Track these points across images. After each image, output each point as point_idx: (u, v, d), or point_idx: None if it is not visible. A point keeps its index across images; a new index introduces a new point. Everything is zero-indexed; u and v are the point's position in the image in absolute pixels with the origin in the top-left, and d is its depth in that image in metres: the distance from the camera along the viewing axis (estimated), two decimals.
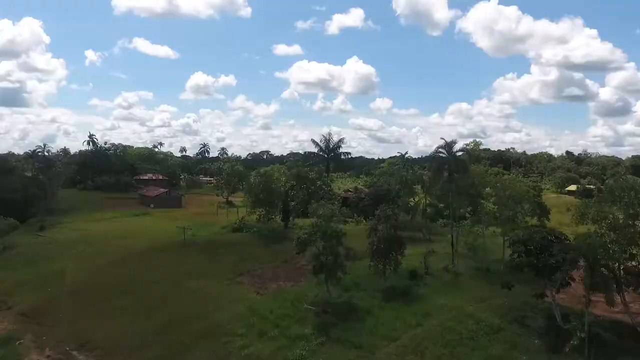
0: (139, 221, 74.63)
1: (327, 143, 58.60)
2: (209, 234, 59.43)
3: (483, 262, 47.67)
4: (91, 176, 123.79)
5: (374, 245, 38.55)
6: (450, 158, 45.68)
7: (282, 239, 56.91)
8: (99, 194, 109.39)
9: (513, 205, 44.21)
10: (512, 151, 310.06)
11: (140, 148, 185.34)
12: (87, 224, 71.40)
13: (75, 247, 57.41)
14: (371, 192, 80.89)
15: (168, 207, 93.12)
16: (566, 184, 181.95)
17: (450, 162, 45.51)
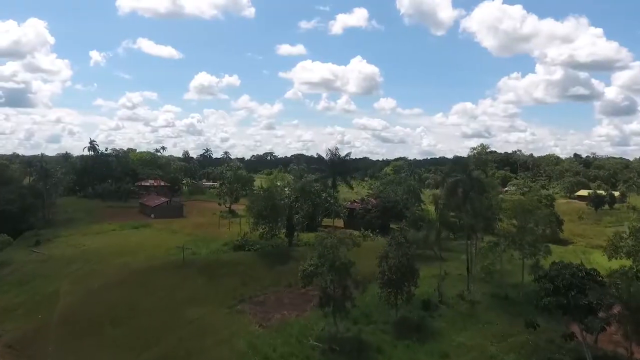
0: (138, 234, 72.10)
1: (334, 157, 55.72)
2: (210, 252, 56.77)
3: (500, 287, 44.78)
4: (91, 183, 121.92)
5: (385, 275, 35.78)
6: (465, 178, 42.77)
7: (287, 258, 54.22)
8: (98, 203, 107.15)
9: (533, 228, 41.11)
10: (518, 153, 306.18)
11: (143, 152, 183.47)
12: (84, 237, 68.98)
13: (71, 265, 55.01)
14: (378, 204, 78.06)
15: (169, 216, 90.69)
16: (575, 189, 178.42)
17: (466, 181, 42.61)
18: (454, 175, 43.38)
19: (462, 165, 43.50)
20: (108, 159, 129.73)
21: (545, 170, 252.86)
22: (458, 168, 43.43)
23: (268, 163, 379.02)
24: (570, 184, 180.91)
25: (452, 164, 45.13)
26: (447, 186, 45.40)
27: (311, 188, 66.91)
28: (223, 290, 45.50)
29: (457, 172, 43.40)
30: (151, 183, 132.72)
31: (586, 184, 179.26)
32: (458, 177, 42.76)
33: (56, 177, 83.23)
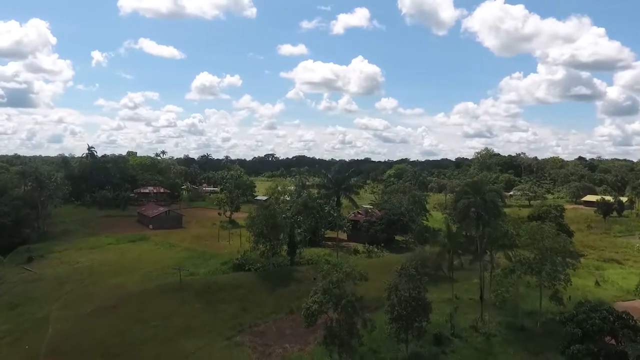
0: (135, 249, 69.68)
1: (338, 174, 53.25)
2: (208, 272, 54.25)
3: (515, 315, 42.08)
4: (89, 190, 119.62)
5: (394, 309, 33.20)
6: (478, 201, 40.12)
7: (288, 279, 51.74)
8: (96, 212, 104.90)
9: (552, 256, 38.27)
10: (522, 156, 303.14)
11: (143, 157, 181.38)
12: (79, 253, 66.56)
13: (63, 286, 52.57)
14: (383, 216, 75.48)
15: (168, 227, 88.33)
16: (581, 194, 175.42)
17: (479, 204, 39.99)
18: (467, 196, 40.69)
19: (475, 186, 40.77)
20: (106, 165, 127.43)
21: (549, 173, 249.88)
22: (471, 189, 40.71)
23: (269, 164, 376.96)
24: (577, 189, 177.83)
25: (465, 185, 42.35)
26: (459, 208, 42.64)
27: (314, 203, 64.42)
28: (221, 318, 43.00)
29: (469, 193, 40.71)
30: (150, 190, 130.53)
31: (592, 189, 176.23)
32: (471, 199, 40.12)
33: (51, 188, 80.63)
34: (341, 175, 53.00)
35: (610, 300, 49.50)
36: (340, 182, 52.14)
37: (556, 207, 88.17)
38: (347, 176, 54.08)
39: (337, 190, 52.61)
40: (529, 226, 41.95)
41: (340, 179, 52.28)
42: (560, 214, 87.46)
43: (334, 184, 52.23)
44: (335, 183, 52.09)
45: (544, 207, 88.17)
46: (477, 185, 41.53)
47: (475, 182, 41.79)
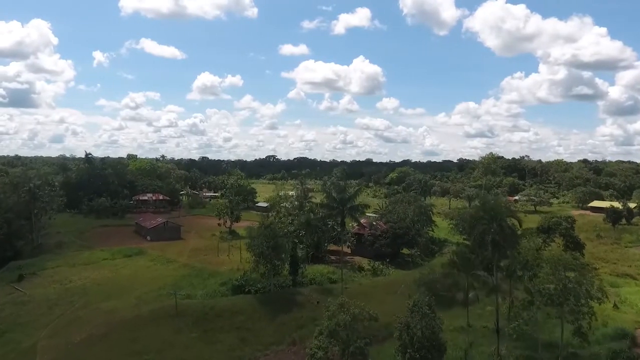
0: (131, 265, 67.03)
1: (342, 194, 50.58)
2: (206, 294, 51.51)
3: (534, 348, 39.24)
4: (87, 196, 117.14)
5: (406, 351, 30.44)
6: (495, 227, 37.27)
7: (290, 303, 49.03)
8: (92, 221, 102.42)
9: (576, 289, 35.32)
10: (526, 159, 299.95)
11: (142, 161, 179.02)
12: (72, 270, 63.90)
13: (53, 309, 49.93)
14: (388, 230, 72.70)
15: (166, 239, 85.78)
16: (588, 199, 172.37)
17: (496, 231, 37.16)
18: (483, 222, 37.85)
19: (491, 210, 37.96)
20: (104, 172, 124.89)
21: (554, 177, 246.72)
22: (487, 214, 37.86)
23: (270, 166, 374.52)
24: (583, 194, 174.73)
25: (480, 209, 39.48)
26: (474, 235, 39.76)
27: (317, 222, 61.70)
28: (218, 350, 40.29)
29: (485, 218, 37.83)
30: (150, 197, 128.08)
31: (599, 195, 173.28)
32: (487, 225, 37.29)
33: (45, 200, 78.01)
34: (346, 195, 50.10)
35: (632, 327, 46.81)
36: (345, 202, 49.33)
37: (567, 219, 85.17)
38: (352, 195, 51.17)
39: (341, 210, 49.83)
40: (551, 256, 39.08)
41: (345, 199, 49.45)
42: (571, 225, 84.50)
43: (339, 203, 49.43)
44: (340, 202, 49.28)
45: (554, 218, 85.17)
46: (494, 209, 38.61)
47: (491, 205, 38.89)
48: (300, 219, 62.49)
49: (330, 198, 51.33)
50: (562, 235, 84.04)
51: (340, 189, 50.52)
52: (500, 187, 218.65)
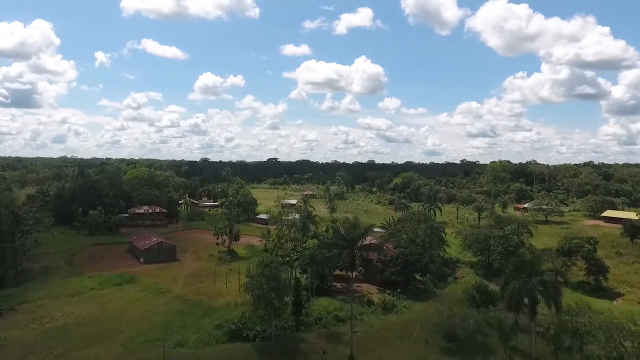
0: (120, 297, 61.66)
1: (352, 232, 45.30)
2: (198, 341, 46.06)
3: None
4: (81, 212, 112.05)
5: None
6: (534, 283, 31.74)
7: (294, 353, 43.63)
8: (84, 239, 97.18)
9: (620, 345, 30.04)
10: (533, 163, 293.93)
11: (139, 169, 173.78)
12: (55, 303, 58.56)
13: (28, 358, 44.60)
14: (399, 256, 67.16)
15: (160, 261, 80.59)
16: (600, 208, 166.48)
17: (534, 288, 31.61)
18: (519, 278, 32.31)
19: (529, 265, 32.45)
20: (98, 185, 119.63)
21: (562, 182, 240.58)
22: (524, 269, 32.36)
23: (272, 169, 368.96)
24: (595, 203, 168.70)
25: (515, 263, 34.00)
26: (508, 294, 34.11)
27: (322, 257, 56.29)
28: None
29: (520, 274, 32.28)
30: (146, 210, 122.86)
31: (612, 204, 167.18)
32: (524, 280, 31.77)
33: (29, 223, 72.77)
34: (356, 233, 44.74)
35: None
36: (355, 241, 43.99)
37: (589, 240, 79.59)
38: (363, 233, 45.82)
39: (352, 250, 44.46)
40: (606, 323, 33.64)
41: (355, 238, 44.07)
42: (593, 247, 78.97)
43: (348, 242, 44.06)
44: (349, 242, 43.92)
45: (574, 239, 79.56)
46: (531, 264, 33.05)
47: (529, 261, 33.43)
48: (305, 253, 57.01)
49: (339, 236, 45.97)
50: (584, 257, 78.62)
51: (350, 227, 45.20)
52: (508, 193, 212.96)
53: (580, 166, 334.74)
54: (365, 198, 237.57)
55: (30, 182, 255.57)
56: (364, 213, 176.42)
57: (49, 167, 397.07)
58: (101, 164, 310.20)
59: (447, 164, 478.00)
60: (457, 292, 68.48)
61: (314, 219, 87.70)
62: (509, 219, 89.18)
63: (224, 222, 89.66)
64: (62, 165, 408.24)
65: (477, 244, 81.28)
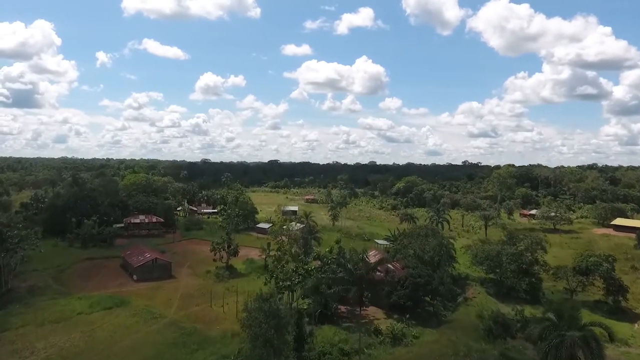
0: (109, 323, 57.50)
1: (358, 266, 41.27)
2: None
3: None
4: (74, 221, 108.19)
5: None
6: (575, 337, 27.63)
7: None
8: (77, 252, 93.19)
9: None
10: (538, 167, 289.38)
11: (137, 175, 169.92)
12: (39, 331, 54.30)
13: None
14: (407, 278, 62.98)
15: (154, 278, 76.57)
16: (609, 215, 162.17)
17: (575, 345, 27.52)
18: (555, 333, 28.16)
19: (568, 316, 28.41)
20: (93, 193, 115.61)
21: (568, 187, 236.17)
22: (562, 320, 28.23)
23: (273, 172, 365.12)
24: (604, 210, 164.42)
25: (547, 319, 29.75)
26: (543, 351, 29.78)
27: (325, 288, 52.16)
28: None
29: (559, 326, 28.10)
30: (142, 219, 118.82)
31: (622, 211, 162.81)
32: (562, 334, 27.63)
33: (14, 242, 68.73)
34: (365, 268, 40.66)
35: None
36: (363, 276, 39.91)
37: (607, 258, 75.39)
38: (373, 266, 41.78)
39: (360, 286, 40.39)
40: None
41: (362, 274, 40.00)
42: (612, 266, 74.75)
43: (357, 279, 39.98)
44: (358, 278, 39.85)
45: (592, 257, 75.33)
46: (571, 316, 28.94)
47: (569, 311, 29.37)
48: (308, 282, 52.85)
49: (346, 271, 41.88)
50: (603, 277, 74.47)
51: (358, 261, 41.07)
52: (513, 198, 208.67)
53: (584, 168, 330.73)
54: (367, 203, 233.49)
55: (28, 185, 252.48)
56: (366, 220, 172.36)
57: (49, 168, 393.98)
58: (100, 168, 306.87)
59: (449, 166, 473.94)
60: (470, 316, 64.48)
61: (317, 235, 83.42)
62: (521, 234, 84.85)
63: (221, 236, 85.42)
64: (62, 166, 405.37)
65: (488, 261, 77.21)
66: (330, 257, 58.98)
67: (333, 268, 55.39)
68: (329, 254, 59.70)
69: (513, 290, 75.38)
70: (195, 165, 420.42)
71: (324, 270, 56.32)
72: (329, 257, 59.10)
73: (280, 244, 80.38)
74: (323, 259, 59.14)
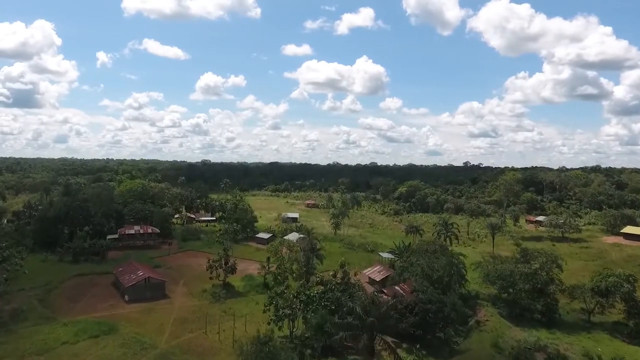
0: (96, 354, 53.16)
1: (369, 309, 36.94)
2: None
3: None
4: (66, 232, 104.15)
5: None
6: None
7: None
8: (67, 268, 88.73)
9: None
10: (543, 171, 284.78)
11: (134, 182, 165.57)
12: None
13: None
14: (417, 304, 58.56)
15: (147, 299, 72.21)
16: (619, 223, 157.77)
17: None
18: None
19: None
20: (86, 204, 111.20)
21: (574, 192, 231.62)
22: None
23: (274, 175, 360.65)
24: (614, 217, 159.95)
25: None
26: None
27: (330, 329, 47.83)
28: None
29: None
30: (137, 230, 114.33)
31: (632, 219, 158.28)
32: None
33: None
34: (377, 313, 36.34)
35: None
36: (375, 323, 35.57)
37: (627, 278, 71.02)
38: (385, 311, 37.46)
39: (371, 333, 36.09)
40: None
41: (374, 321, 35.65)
42: (633, 286, 70.36)
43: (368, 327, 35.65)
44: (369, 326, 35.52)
45: (611, 277, 70.96)
46: None
47: None
48: (312, 321, 48.48)
49: (354, 315, 37.59)
50: (624, 299, 70.15)
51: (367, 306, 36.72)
52: (519, 203, 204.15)
53: (588, 171, 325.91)
54: (369, 208, 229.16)
55: (25, 189, 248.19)
56: (369, 227, 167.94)
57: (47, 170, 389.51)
58: (98, 171, 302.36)
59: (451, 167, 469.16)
60: (484, 344, 60.17)
61: (319, 252, 79.01)
62: (535, 251, 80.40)
63: (218, 252, 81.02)
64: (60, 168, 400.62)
65: (500, 281, 72.84)
66: (334, 282, 54.63)
67: (337, 296, 50.97)
68: (332, 280, 55.40)
69: (527, 310, 71.15)
70: (195, 167, 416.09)
71: (327, 298, 51.91)
72: (332, 282, 54.75)
73: (281, 261, 76.19)
74: (327, 284, 54.77)
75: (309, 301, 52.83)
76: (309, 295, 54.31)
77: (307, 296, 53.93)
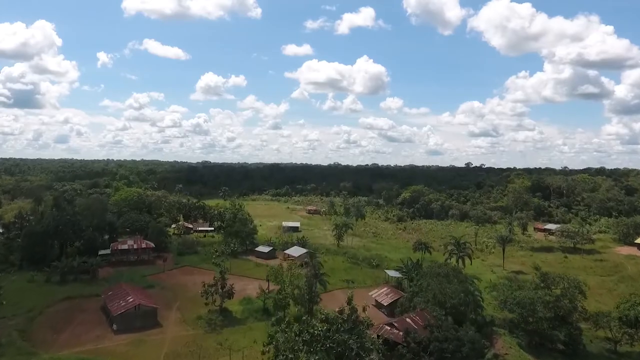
0: None
1: None
2: None
3: None
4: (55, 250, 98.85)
5: None
6: None
7: None
8: (54, 289, 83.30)
9: None
10: (550, 176, 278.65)
11: (129, 191, 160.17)
12: None
13: None
14: (431, 342, 53.09)
15: (138, 329, 66.71)
16: (632, 232, 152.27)
17: None
18: None
19: None
20: (76, 218, 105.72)
21: (582, 197, 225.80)
22: None
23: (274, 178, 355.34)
24: (626, 226, 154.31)
25: None
26: None
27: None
28: None
29: None
30: (130, 245, 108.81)
31: None
32: None
33: None
34: None
35: None
36: None
37: None
38: None
39: None
40: None
41: None
42: None
43: None
44: None
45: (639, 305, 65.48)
46: None
47: None
48: (315, 357, 43.15)
49: None
50: None
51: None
52: (526, 209, 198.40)
53: (592, 172, 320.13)
54: (372, 213, 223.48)
55: (22, 193, 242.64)
56: (373, 237, 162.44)
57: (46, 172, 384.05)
58: (95, 176, 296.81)
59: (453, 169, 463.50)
60: None
61: (323, 279, 73.58)
62: (557, 276, 74.76)
63: (214, 277, 75.55)
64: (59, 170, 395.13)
65: (520, 309, 67.33)
66: (341, 319, 49.25)
67: (344, 339, 45.65)
68: (338, 317, 49.98)
69: (548, 340, 65.83)
70: (195, 169, 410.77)
71: (333, 339, 46.56)
72: (338, 320, 49.34)
73: (282, 286, 70.84)
74: (332, 322, 49.41)
75: (312, 340, 47.36)
76: (312, 334, 48.73)
77: (311, 335, 48.36)
